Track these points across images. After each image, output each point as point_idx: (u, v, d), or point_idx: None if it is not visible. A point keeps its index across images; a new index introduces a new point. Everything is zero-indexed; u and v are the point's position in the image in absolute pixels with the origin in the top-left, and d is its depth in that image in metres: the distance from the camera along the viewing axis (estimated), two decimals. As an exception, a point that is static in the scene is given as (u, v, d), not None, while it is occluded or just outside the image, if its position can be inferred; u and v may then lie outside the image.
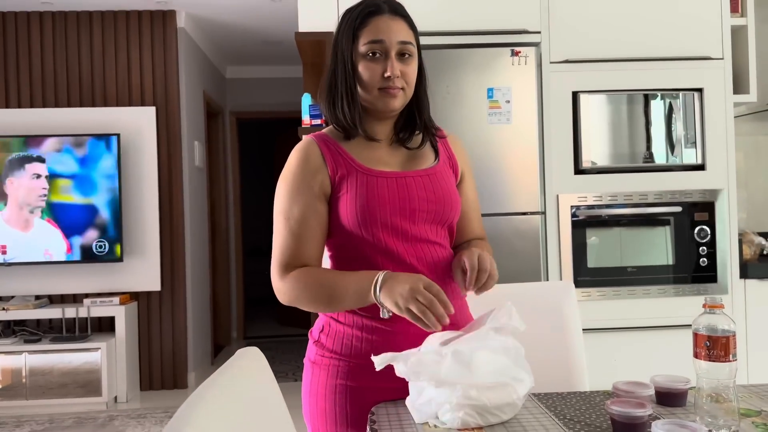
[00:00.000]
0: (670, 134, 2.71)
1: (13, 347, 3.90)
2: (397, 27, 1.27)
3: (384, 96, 1.27)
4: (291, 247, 1.26)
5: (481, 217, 1.47)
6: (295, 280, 1.24)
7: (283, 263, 1.26)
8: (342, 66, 1.28)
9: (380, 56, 1.26)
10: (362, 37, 1.26)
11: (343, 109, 1.29)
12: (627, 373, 1.42)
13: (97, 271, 4.21)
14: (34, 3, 4.14)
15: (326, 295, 1.22)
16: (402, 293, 1.11)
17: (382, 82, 1.26)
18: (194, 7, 4.35)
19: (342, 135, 1.33)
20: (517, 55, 2.61)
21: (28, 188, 4.04)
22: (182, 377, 4.40)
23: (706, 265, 2.68)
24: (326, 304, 1.24)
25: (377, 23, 1.26)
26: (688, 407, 1.16)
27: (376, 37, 1.25)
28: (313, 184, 1.27)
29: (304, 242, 1.26)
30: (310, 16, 2.69)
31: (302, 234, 1.26)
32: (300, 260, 1.26)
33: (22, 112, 4.22)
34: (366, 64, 1.26)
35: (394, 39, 1.26)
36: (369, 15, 1.27)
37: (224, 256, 5.92)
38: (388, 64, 1.25)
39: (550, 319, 1.63)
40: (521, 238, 2.62)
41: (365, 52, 1.26)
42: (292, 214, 1.26)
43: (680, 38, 2.71)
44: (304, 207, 1.26)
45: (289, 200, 1.27)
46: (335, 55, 1.30)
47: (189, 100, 4.60)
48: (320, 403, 1.28)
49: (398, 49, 1.27)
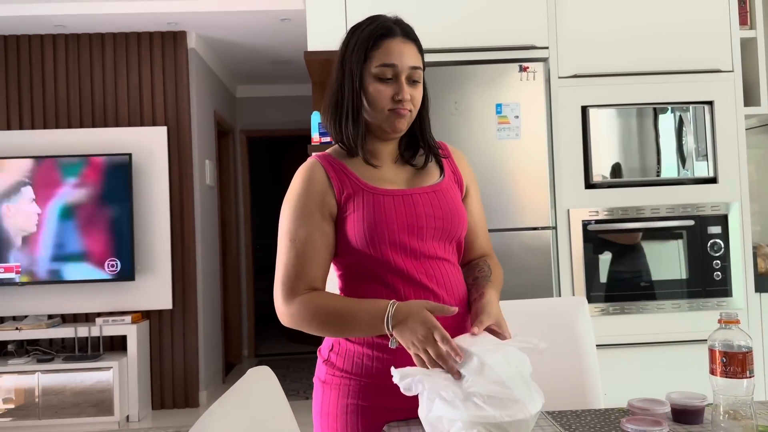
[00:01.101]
0: (681, 147, 2.70)
1: (26, 367, 3.91)
2: (409, 51, 1.27)
3: (392, 116, 1.27)
4: (297, 269, 1.24)
5: (487, 231, 1.47)
6: (303, 305, 1.22)
7: (288, 286, 1.24)
8: (350, 84, 1.28)
9: (391, 80, 1.27)
10: (374, 59, 1.26)
11: (348, 127, 1.29)
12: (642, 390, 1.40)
13: (109, 290, 4.23)
14: (47, 26, 4.21)
15: (337, 323, 1.21)
16: (416, 338, 1.11)
17: (392, 104, 1.27)
18: (204, 28, 4.41)
19: (346, 153, 1.33)
20: (525, 70, 2.62)
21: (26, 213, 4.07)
22: (194, 396, 4.40)
23: (720, 279, 2.65)
24: (336, 331, 1.24)
25: (390, 46, 1.26)
26: (705, 425, 1.15)
27: (389, 61, 1.26)
28: (318, 206, 1.26)
29: (309, 264, 1.25)
30: (319, 36, 2.72)
31: (308, 256, 1.25)
32: (305, 282, 1.25)
33: (36, 133, 4.28)
34: (376, 86, 1.26)
35: (405, 64, 1.27)
36: (382, 37, 1.27)
37: (235, 274, 5.93)
38: (400, 87, 1.26)
39: (564, 336, 1.61)
40: (532, 254, 2.60)
41: (376, 74, 1.26)
42: (297, 236, 1.25)
43: (689, 51, 2.71)
44: (310, 229, 1.25)
45: (295, 222, 1.26)
46: (341, 73, 1.30)
47: (200, 120, 4.64)
48: (332, 423, 1.27)
49: (408, 74, 1.27)
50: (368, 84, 1.27)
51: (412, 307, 1.14)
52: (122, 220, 4.13)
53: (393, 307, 1.15)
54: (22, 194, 4.09)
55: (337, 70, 1.31)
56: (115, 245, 4.11)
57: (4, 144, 4.24)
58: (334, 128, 1.32)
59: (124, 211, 4.13)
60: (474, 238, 1.41)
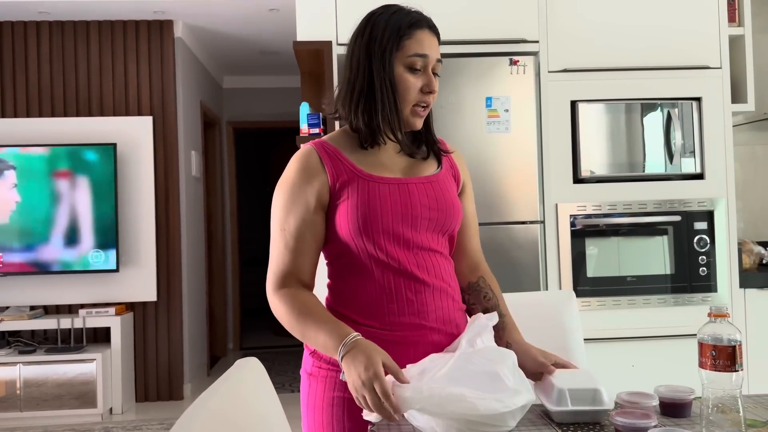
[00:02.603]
0: (669, 143, 2.71)
1: (7, 358, 3.86)
2: (435, 44, 1.28)
3: (414, 116, 1.28)
4: (285, 260, 1.25)
5: (478, 232, 1.47)
6: (281, 302, 1.24)
7: (277, 276, 1.26)
8: (381, 72, 1.24)
9: (420, 71, 1.26)
10: (407, 48, 1.24)
11: (385, 116, 1.25)
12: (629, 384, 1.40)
13: (92, 281, 4.18)
14: (31, 12, 4.14)
15: (299, 330, 1.22)
16: (359, 377, 1.07)
17: (420, 96, 1.26)
18: (191, 17, 4.36)
19: (345, 141, 1.30)
20: (515, 64, 2.62)
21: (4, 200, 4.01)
22: (178, 389, 4.36)
23: (706, 274, 2.67)
24: (299, 336, 1.24)
25: (422, 36, 1.25)
26: (693, 418, 1.15)
27: (422, 51, 1.25)
28: (309, 195, 1.25)
29: (297, 256, 1.25)
30: (308, 26, 2.69)
31: (296, 248, 1.25)
32: (293, 274, 1.25)
33: (19, 121, 4.21)
34: (406, 76, 1.25)
35: (434, 56, 1.27)
36: (413, 26, 1.25)
37: (220, 267, 5.90)
38: (429, 79, 1.26)
39: (552, 329, 1.61)
40: (520, 248, 2.61)
41: (408, 64, 1.25)
42: (287, 226, 1.25)
43: (678, 48, 2.72)
44: (300, 220, 1.25)
45: (285, 211, 1.26)
46: (368, 59, 1.25)
47: (186, 110, 4.59)
48: (318, 415, 1.26)
49: (434, 66, 1.28)
50: (398, 73, 1.25)
51: (370, 350, 1.10)
52: (106, 211, 4.08)
53: (351, 341, 1.13)
54: (6, 177, 4.02)
55: (359, 57, 1.26)
56: (99, 236, 4.06)
57: (-14, 132, 4.16)
58: (363, 116, 1.26)
59: (108, 202, 4.08)
60: (467, 239, 1.41)
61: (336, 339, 1.14)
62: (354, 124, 1.29)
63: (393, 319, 1.24)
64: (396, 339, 1.23)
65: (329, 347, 1.15)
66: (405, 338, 1.23)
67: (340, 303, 1.28)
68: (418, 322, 1.24)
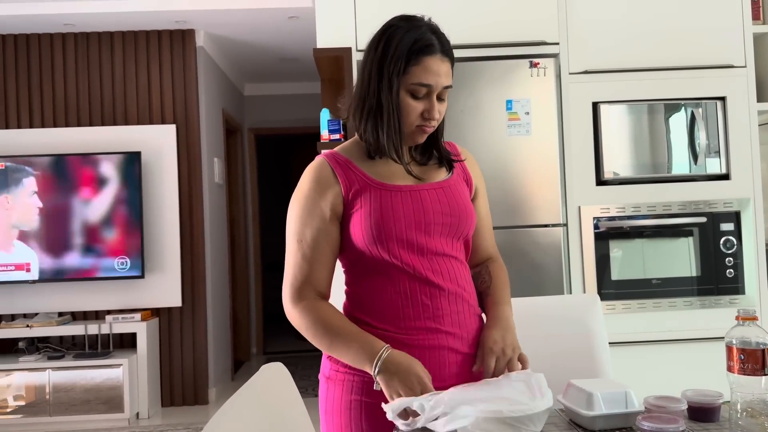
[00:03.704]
0: (693, 144, 2.68)
1: (37, 364, 3.93)
2: (445, 70, 1.26)
3: (417, 131, 1.29)
4: (303, 271, 1.26)
5: (493, 233, 1.46)
6: (303, 314, 1.25)
7: (295, 287, 1.27)
8: (387, 93, 1.25)
9: (423, 97, 1.26)
10: (412, 74, 1.24)
11: (389, 136, 1.26)
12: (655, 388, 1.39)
13: (118, 287, 4.24)
14: (57, 25, 4.22)
15: (326, 345, 1.24)
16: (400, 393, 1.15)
17: (420, 120, 1.27)
18: (212, 26, 4.41)
19: (357, 151, 1.32)
20: (535, 66, 2.60)
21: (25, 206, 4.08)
22: (203, 393, 4.41)
23: (733, 276, 2.63)
24: (325, 349, 1.26)
25: (429, 64, 1.24)
26: (721, 422, 1.13)
27: (426, 81, 1.24)
28: (325, 206, 1.27)
29: (315, 266, 1.27)
30: (328, 33, 2.71)
31: (314, 258, 1.27)
32: (311, 285, 1.27)
33: (47, 132, 4.29)
34: (408, 101, 1.25)
35: (440, 84, 1.26)
36: (422, 52, 1.24)
37: (243, 272, 5.95)
38: (431, 105, 1.26)
39: (576, 333, 1.60)
40: (543, 251, 2.59)
41: (411, 90, 1.25)
42: (304, 237, 1.27)
43: (701, 47, 2.68)
44: (316, 230, 1.26)
45: (301, 223, 1.27)
46: (378, 77, 1.26)
47: (208, 118, 4.65)
48: (336, 419, 1.27)
49: (439, 93, 1.27)
50: (401, 96, 1.25)
51: (405, 366, 1.17)
52: (132, 218, 4.14)
53: (385, 355, 1.17)
54: (24, 186, 4.10)
55: (370, 71, 1.28)
56: (125, 243, 4.12)
57: (15, 143, 4.25)
58: (371, 131, 1.28)
59: (133, 209, 4.15)
60: (480, 240, 1.41)
61: (367, 355, 1.18)
62: (363, 137, 1.32)
63: (409, 324, 1.25)
64: (412, 343, 1.24)
65: (360, 363, 1.19)
66: (421, 342, 1.24)
67: (358, 308, 1.30)
68: (434, 326, 1.25)
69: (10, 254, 4.07)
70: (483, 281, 1.37)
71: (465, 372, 1.27)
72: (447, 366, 1.25)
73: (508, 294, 1.36)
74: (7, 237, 4.08)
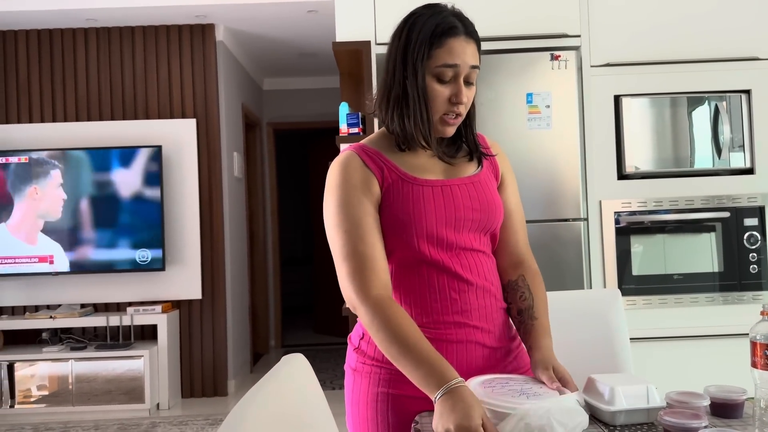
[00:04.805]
0: (717, 137, 2.64)
1: (60, 354, 4.00)
2: (471, 51, 1.24)
3: (443, 124, 1.26)
4: (359, 257, 1.20)
5: (525, 227, 1.41)
6: (375, 314, 1.17)
7: (357, 277, 1.19)
8: (413, 82, 1.24)
9: (450, 80, 1.24)
10: (436, 57, 1.22)
11: (417, 125, 1.25)
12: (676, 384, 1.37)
13: (140, 280, 4.29)
14: (79, 20, 4.27)
15: (393, 355, 1.15)
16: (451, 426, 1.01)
17: (448, 106, 1.25)
18: (232, 21, 4.43)
19: (385, 143, 1.31)
20: (556, 59, 2.58)
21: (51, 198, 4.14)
22: (223, 385, 4.45)
23: (756, 272, 2.59)
24: (390, 356, 1.17)
25: (453, 45, 1.22)
26: (745, 419, 1.12)
27: (452, 61, 1.22)
28: (363, 191, 1.24)
29: (369, 249, 1.21)
30: (347, 26, 2.71)
31: (365, 240, 1.21)
32: (373, 270, 1.20)
33: (69, 126, 4.35)
34: (434, 86, 1.24)
35: (468, 63, 1.24)
36: (445, 34, 1.22)
37: (262, 266, 5.98)
38: (458, 89, 1.23)
39: (597, 328, 1.59)
40: (563, 246, 2.57)
41: (437, 74, 1.23)
42: (351, 225, 1.22)
43: (725, 39, 2.64)
44: (360, 214, 1.22)
45: (343, 212, 1.23)
46: (403, 66, 1.25)
47: (228, 112, 4.67)
48: (362, 410, 1.27)
49: (467, 75, 1.25)
50: (426, 82, 1.24)
51: (471, 401, 1.04)
52: (153, 212, 4.18)
53: (454, 385, 1.07)
54: (51, 177, 4.16)
55: (395, 60, 1.27)
56: (146, 236, 4.17)
57: (37, 137, 4.32)
58: (399, 122, 1.27)
59: (154, 203, 4.19)
60: (509, 234, 1.36)
61: (437, 380, 1.09)
62: (390, 128, 1.30)
63: (437, 318, 1.24)
64: (440, 337, 1.23)
65: (425, 385, 1.10)
66: (448, 336, 1.24)
67: None
68: (462, 320, 1.25)
69: (34, 246, 4.14)
70: (523, 297, 1.31)
71: (492, 366, 1.27)
72: (474, 360, 1.25)
73: (548, 317, 1.30)
74: (32, 228, 4.15)
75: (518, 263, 1.36)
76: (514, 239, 1.37)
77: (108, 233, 4.16)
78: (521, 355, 1.35)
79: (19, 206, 4.14)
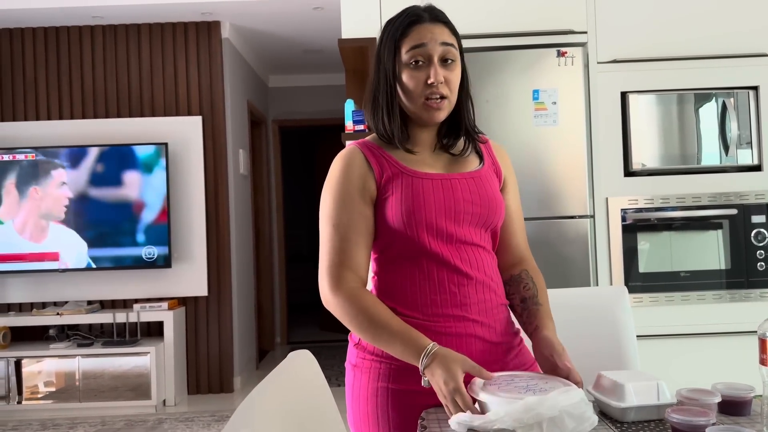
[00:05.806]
0: (724, 134, 2.62)
1: (67, 351, 4.02)
2: (439, 30, 1.27)
3: (428, 109, 1.27)
4: (341, 255, 1.25)
5: (525, 229, 1.44)
6: (346, 304, 1.22)
7: (334, 273, 1.25)
8: (384, 78, 1.29)
9: (423, 63, 1.26)
10: (404, 46, 1.26)
11: (383, 121, 1.30)
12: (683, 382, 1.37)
13: (146, 277, 4.30)
14: (85, 17, 4.28)
15: (369, 336, 1.21)
16: (441, 391, 1.09)
17: (426, 89, 1.25)
18: (238, 18, 4.43)
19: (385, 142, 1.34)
20: (563, 55, 2.57)
21: (54, 197, 4.15)
22: (228, 381, 4.46)
23: (764, 269, 2.58)
24: (369, 340, 1.23)
25: (419, 30, 1.26)
26: (753, 416, 1.12)
27: (417, 42, 1.25)
28: (359, 191, 1.27)
29: (353, 249, 1.25)
30: (353, 23, 2.71)
31: (351, 241, 1.25)
32: (351, 270, 1.25)
33: (76, 123, 4.36)
34: (410, 73, 1.26)
35: (437, 40, 1.25)
36: (410, 24, 1.27)
37: (267, 263, 5.99)
38: (431, 70, 1.25)
39: (604, 326, 1.59)
40: (569, 243, 2.57)
41: (408, 61, 1.26)
42: (340, 221, 1.26)
43: (733, 35, 2.63)
44: (352, 213, 1.26)
45: (337, 207, 1.27)
46: (378, 66, 1.31)
47: (234, 109, 4.68)
48: (363, 406, 1.28)
49: (441, 53, 1.25)
50: (402, 73, 1.27)
51: (448, 361, 1.11)
52: (159, 209, 4.19)
53: (432, 351, 1.13)
54: (53, 177, 4.18)
55: (373, 64, 1.33)
56: (152, 233, 4.18)
57: (43, 134, 4.33)
58: (372, 120, 1.34)
59: (160, 200, 4.20)
60: (510, 235, 1.39)
61: (414, 351, 1.15)
62: (373, 129, 1.34)
63: (436, 311, 1.25)
64: (439, 330, 1.24)
65: (407, 357, 1.17)
66: (447, 329, 1.25)
67: (385, 295, 1.30)
68: (461, 314, 1.25)
69: (41, 244, 4.15)
70: (527, 287, 1.34)
71: (492, 361, 1.27)
72: (473, 354, 1.25)
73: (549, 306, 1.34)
74: (36, 227, 4.16)
75: (519, 261, 1.40)
76: (515, 241, 1.40)
77: (114, 230, 4.18)
78: (524, 351, 1.35)
79: (25, 203, 4.16)
